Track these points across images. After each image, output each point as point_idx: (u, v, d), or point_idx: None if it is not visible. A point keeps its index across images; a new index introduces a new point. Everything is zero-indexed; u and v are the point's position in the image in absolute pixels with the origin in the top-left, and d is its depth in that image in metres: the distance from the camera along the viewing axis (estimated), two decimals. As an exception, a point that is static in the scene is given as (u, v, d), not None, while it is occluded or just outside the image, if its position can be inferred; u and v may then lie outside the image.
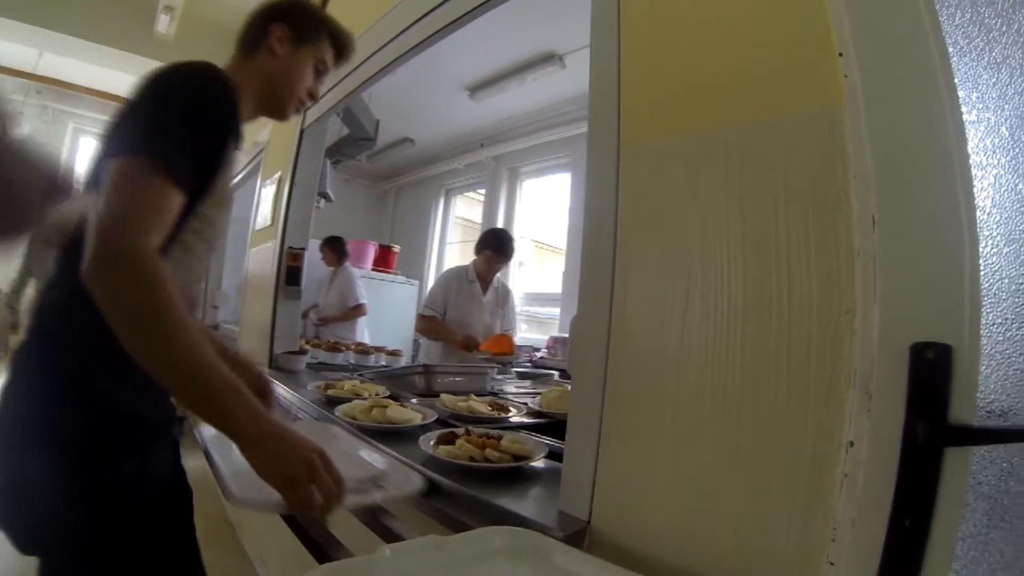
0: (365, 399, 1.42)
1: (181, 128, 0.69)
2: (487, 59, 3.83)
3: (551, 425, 1.34)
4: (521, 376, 2.36)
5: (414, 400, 1.49)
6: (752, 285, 0.59)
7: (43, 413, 0.70)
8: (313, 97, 1.01)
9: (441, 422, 1.23)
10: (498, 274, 2.89)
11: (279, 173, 2.39)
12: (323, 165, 2.48)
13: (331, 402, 1.40)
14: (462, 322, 2.72)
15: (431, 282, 6.08)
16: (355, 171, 5.65)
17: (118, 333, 0.60)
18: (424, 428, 1.14)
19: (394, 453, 1.00)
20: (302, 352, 2.07)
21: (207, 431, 0.97)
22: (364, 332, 3.86)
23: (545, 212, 7.12)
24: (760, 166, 0.60)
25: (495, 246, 2.78)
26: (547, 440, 1.06)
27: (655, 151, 0.69)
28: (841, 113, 0.54)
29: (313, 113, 2.14)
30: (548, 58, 3.71)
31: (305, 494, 0.62)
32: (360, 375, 1.98)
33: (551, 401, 1.44)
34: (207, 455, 0.90)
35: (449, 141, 5.35)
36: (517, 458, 0.90)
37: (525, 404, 1.50)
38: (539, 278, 6.23)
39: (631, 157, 0.71)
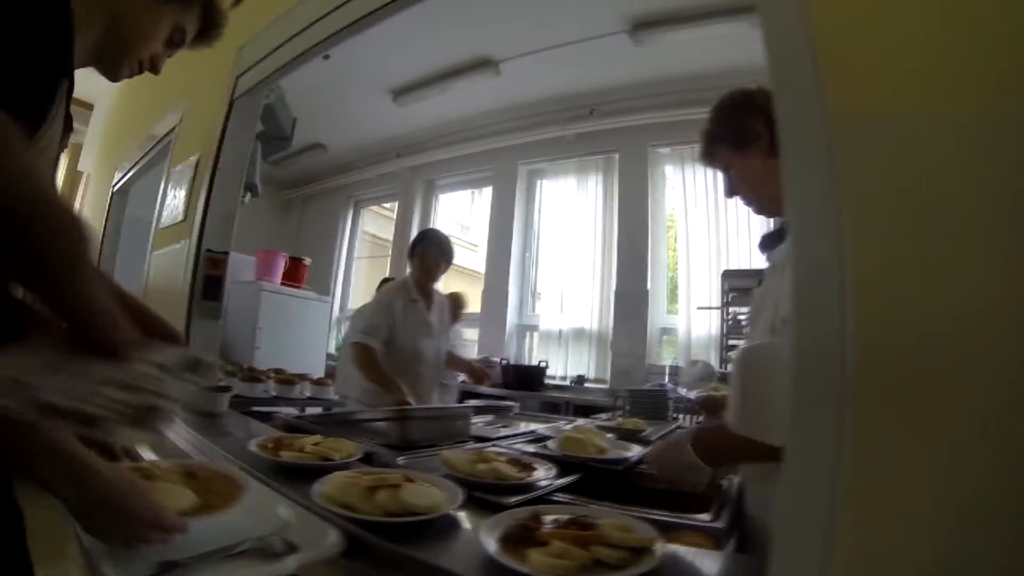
0: (337, 464, 1.06)
1: None
2: (417, 60, 3.53)
3: (588, 479, 1.10)
4: (477, 411, 2.05)
5: (401, 460, 1.15)
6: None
7: None
8: (154, 68, 0.85)
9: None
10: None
11: (196, 155, 1.87)
12: (254, 149, 1.98)
13: (288, 472, 1.02)
14: (414, 352, 2.17)
15: (339, 299, 5.51)
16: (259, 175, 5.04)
17: None
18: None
19: (422, 557, 0.68)
20: (224, 389, 1.56)
21: None
22: None
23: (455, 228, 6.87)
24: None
25: (437, 248, 2.23)
26: (637, 513, 0.81)
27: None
28: None
29: (248, 79, 1.69)
30: (483, 64, 3.52)
31: None
32: (300, 418, 1.57)
33: (572, 444, 1.19)
34: None
35: (363, 149, 4.92)
36: (635, 553, 0.64)
37: (534, 454, 1.23)
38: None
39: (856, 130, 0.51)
